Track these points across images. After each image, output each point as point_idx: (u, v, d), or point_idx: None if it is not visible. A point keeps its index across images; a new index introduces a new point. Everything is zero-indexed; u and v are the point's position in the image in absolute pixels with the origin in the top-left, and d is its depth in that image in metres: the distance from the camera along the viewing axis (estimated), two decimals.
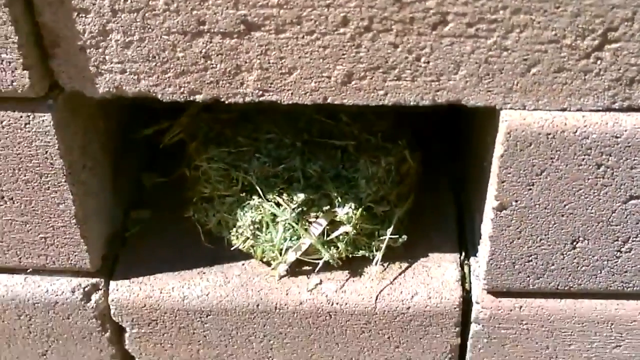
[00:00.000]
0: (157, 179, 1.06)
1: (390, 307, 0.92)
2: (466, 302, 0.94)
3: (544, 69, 0.78)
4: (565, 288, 0.91)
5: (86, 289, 0.95)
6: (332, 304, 0.92)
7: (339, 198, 0.90)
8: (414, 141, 0.98)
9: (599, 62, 0.78)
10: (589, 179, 0.83)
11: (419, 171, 0.98)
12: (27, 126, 0.82)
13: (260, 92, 0.81)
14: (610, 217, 0.86)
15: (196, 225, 0.98)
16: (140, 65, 0.80)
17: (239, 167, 0.92)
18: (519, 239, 0.87)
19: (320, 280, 0.94)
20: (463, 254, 0.97)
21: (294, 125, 0.96)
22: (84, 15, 0.76)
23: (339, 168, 0.92)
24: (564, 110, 0.81)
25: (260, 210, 0.91)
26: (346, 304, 0.92)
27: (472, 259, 0.96)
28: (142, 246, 0.99)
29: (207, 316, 0.94)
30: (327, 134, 0.95)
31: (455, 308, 0.92)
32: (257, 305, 0.93)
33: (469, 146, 1.04)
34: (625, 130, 0.80)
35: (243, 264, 0.96)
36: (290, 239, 0.92)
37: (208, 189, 0.95)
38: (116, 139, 0.99)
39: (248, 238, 0.93)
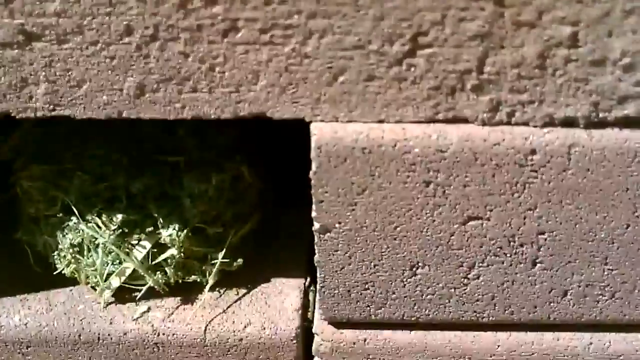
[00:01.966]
0: None
1: (221, 339, 0.93)
2: (309, 333, 0.94)
3: (353, 78, 0.78)
4: (412, 319, 0.91)
5: None
6: (159, 335, 0.93)
7: (161, 219, 0.91)
8: (260, 157, 0.99)
9: (412, 69, 0.77)
10: (418, 198, 0.83)
11: (263, 188, 0.98)
12: None
13: (52, 107, 0.82)
14: (449, 241, 0.85)
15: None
16: None
17: (59, 186, 0.94)
18: (350, 264, 0.87)
19: (149, 308, 0.95)
20: (308, 279, 0.97)
21: (128, 139, 0.97)
22: None
23: (164, 186, 0.93)
24: (381, 122, 0.80)
25: (79, 232, 0.93)
26: (174, 334, 0.93)
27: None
28: None
29: (27, 348, 0.96)
30: (161, 150, 0.96)
31: (292, 340, 0.93)
32: (79, 336, 0.94)
33: None
34: (451, 144, 0.79)
35: (71, 290, 0.98)
36: (113, 264, 0.93)
37: (33, 209, 0.97)
38: None
39: (70, 262, 0.94)
